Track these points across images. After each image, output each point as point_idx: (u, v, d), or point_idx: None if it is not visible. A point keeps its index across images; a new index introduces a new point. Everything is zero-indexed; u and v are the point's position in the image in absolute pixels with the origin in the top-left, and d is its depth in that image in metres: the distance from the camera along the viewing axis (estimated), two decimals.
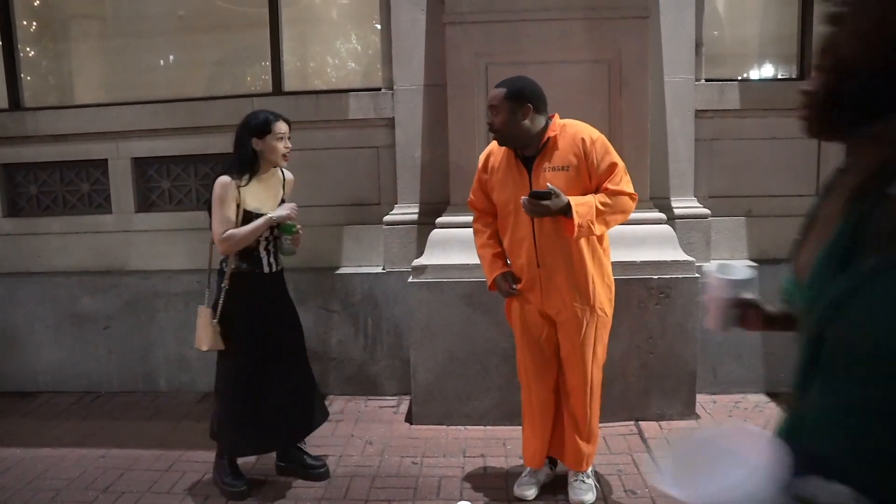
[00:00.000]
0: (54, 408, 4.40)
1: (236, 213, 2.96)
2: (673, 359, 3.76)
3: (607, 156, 2.72)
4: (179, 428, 3.99)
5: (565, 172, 2.72)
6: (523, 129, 2.72)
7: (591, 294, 2.80)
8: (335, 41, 4.92)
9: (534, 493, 3.05)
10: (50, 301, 4.62)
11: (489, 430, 3.79)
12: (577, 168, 2.72)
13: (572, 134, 2.74)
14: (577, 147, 2.71)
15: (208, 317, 3.03)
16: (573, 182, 2.71)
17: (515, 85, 2.73)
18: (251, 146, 2.99)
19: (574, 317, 2.82)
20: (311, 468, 3.27)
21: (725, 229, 4.37)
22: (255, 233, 2.97)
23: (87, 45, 5.00)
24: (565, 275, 2.78)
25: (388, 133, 4.42)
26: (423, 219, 4.27)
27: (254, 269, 3.07)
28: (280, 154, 3.03)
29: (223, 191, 2.95)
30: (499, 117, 2.71)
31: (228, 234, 2.93)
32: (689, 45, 4.20)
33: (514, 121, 2.70)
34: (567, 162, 2.73)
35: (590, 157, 2.70)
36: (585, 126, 2.80)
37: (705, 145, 4.34)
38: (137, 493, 3.21)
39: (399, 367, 4.31)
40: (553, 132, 2.75)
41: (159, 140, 4.60)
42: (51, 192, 4.80)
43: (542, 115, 2.76)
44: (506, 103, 2.69)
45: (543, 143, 2.76)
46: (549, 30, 3.83)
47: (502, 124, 2.72)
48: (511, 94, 2.70)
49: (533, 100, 2.71)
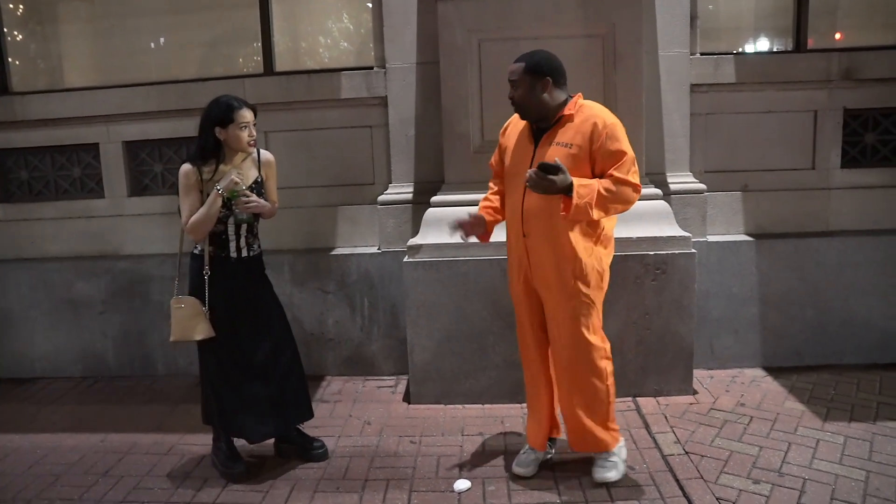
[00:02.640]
0: (52, 393, 4.40)
1: (201, 200, 2.93)
2: (669, 335, 3.76)
3: (616, 143, 2.67)
4: (177, 411, 3.99)
5: (567, 149, 2.69)
6: (542, 102, 2.72)
7: (574, 276, 2.76)
8: (326, 20, 4.86)
9: (531, 471, 3.05)
10: (44, 287, 4.61)
11: (487, 408, 3.80)
12: (581, 148, 2.68)
13: (587, 115, 2.71)
14: (586, 128, 2.68)
15: (198, 306, 2.99)
16: (574, 161, 2.68)
17: (534, 58, 2.73)
18: (213, 135, 2.94)
19: (557, 295, 2.80)
20: (309, 448, 3.27)
21: (721, 204, 4.35)
22: (210, 210, 2.90)
23: (76, 28, 4.92)
24: (549, 250, 2.77)
25: (381, 112, 4.38)
26: (417, 198, 4.24)
27: (220, 253, 3.03)
28: (244, 143, 2.98)
29: (186, 179, 2.93)
30: (518, 91, 2.73)
31: (191, 222, 2.92)
32: (683, 19, 4.15)
33: (534, 94, 2.71)
34: (572, 140, 2.70)
35: (597, 141, 2.66)
36: (603, 110, 2.76)
37: (701, 120, 4.30)
38: (137, 477, 3.21)
39: (396, 346, 4.31)
40: (569, 110, 2.73)
41: (151, 123, 4.55)
42: (42, 178, 4.76)
43: (561, 89, 2.76)
44: (525, 77, 2.70)
45: (557, 119, 2.75)
46: (543, 5, 3.78)
47: (521, 98, 2.74)
48: (530, 67, 2.71)
49: (552, 73, 2.72)
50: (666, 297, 3.72)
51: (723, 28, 4.55)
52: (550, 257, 2.77)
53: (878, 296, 4.23)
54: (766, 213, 4.37)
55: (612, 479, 2.93)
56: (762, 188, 4.36)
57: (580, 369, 2.86)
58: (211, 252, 3.01)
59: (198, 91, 4.44)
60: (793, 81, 4.27)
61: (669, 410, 3.65)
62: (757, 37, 4.66)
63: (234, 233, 3.03)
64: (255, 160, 3.12)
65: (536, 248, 2.81)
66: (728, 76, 4.26)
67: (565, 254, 2.75)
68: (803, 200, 4.36)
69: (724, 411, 3.64)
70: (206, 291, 3.00)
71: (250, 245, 3.11)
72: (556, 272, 2.78)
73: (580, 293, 2.78)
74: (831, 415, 3.57)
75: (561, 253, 2.75)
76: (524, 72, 2.71)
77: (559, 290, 2.79)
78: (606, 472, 2.94)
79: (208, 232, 2.96)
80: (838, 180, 4.36)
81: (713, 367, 4.25)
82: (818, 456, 3.14)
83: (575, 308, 2.80)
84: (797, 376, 4.09)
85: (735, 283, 4.23)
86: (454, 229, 3.03)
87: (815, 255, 4.22)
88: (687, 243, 3.73)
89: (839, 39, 4.57)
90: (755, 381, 4.08)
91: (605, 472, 2.94)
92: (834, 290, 4.24)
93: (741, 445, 3.27)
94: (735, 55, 4.33)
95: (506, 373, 3.80)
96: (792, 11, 4.35)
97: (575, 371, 2.87)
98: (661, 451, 3.22)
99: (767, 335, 4.26)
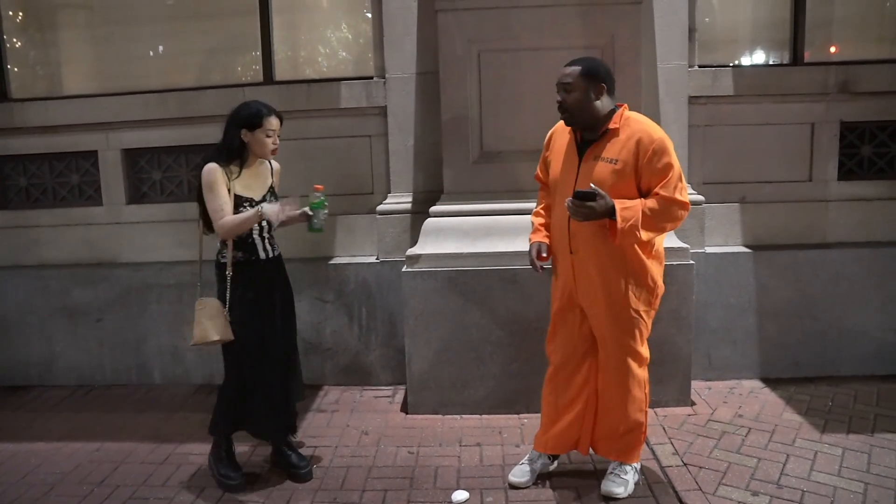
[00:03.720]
0: (47, 401, 4.37)
1: (228, 197, 2.94)
2: (667, 345, 3.76)
3: (662, 159, 2.60)
4: (174, 420, 3.97)
5: (612, 165, 2.65)
6: (595, 109, 2.68)
7: (624, 294, 2.74)
8: (326, 29, 4.87)
9: (526, 481, 3.05)
10: (41, 294, 4.59)
11: (485, 418, 3.79)
12: (626, 164, 2.63)
13: (633, 130, 2.65)
14: (632, 144, 2.63)
15: (218, 307, 2.99)
16: (620, 177, 2.63)
17: (590, 63, 2.69)
18: (239, 137, 2.96)
19: (604, 311, 2.78)
20: (294, 468, 3.21)
21: (720, 216, 4.37)
22: (245, 224, 2.94)
23: (75, 35, 4.92)
24: (597, 269, 2.74)
25: (380, 121, 4.39)
26: (416, 207, 4.25)
27: (249, 256, 3.04)
28: (268, 149, 3.00)
29: (213, 176, 2.92)
30: (572, 94, 2.67)
31: (225, 220, 2.91)
32: (681, 31, 4.18)
33: (588, 99, 2.66)
34: (618, 156, 2.65)
35: (644, 157, 2.60)
36: (649, 124, 2.69)
37: (699, 131, 4.32)
38: (132, 487, 3.19)
39: (394, 356, 4.30)
40: (614, 124, 2.69)
41: (150, 131, 4.55)
42: (40, 185, 4.75)
43: (611, 98, 2.72)
44: (581, 80, 2.65)
45: (603, 132, 2.70)
46: (542, 16, 3.80)
47: (575, 102, 2.67)
48: (586, 71, 2.66)
49: (606, 80, 2.68)
50: (664, 308, 3.70)
51: (721, 40, 4.58)
52: (598, 275, 2.74)
53: (875, 307, 4.24)
54: (763, 225, 4.38)
55: (618, 496, 2.90)
56: (760, 200, 4.38)
57: (627, 374, 2.84)
58: (242, 258, 3.02)
59: (197, 99, 4.46)
60: (790, 94, 4.30)
61: (667, 422, 3.65)
62: (754, 49, 4.69)
63: (258, 235, 3.06)
64: (268, 166, 3.15)
65: (584, 266, 2.77)
66: (726, 88, 4.28)
67: (616, 273, 2.72)
68: (801, 212, 4.38)
69: (722, 422, 3.64)
70: (227, 293, 3.01)
71: (273, 246, 3.14)
72: (605, 289, 2.75)
73: (630, 308, 2.76)
74: (829, 426, 3.57)
75: (611, 270, 2.72)
76: (581, 75, 2.65)
77: (607, 306, 2.77)
78: (616, 487, 2.91)
79: (234, 236, 2.97)
80: (835, 192, 4.38)
81: (711, 378, 4.25)
82: (816, 468, 3.14)
83: (625, 322, 2.78)
84: (795, 387, 4.09)
85: (733, 294, 4.24)
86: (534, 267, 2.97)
87: (813, 266, 4.23)
88: (685, 254, 3.74)
89: (835, 52, 4.60)
90: (753, 392, 4.08)
91: (614, 487, 2.91)
92: (831, 302, 4.25)
93: (739, 457, 3.27)
94: (733, 67, 4.36)
95: (504, 383, 3.79)
96: (789, 24, 4.39)
97: (623, 375, 2.85)
98: (660, 462, 3.22)
99: (765, 346, 4.27)
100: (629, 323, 2.79)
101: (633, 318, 2.79)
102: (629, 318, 2.78)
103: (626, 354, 2.83)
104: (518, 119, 3.88)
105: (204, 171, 2.94)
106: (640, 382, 2.89)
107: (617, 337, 2.82)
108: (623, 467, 2.97)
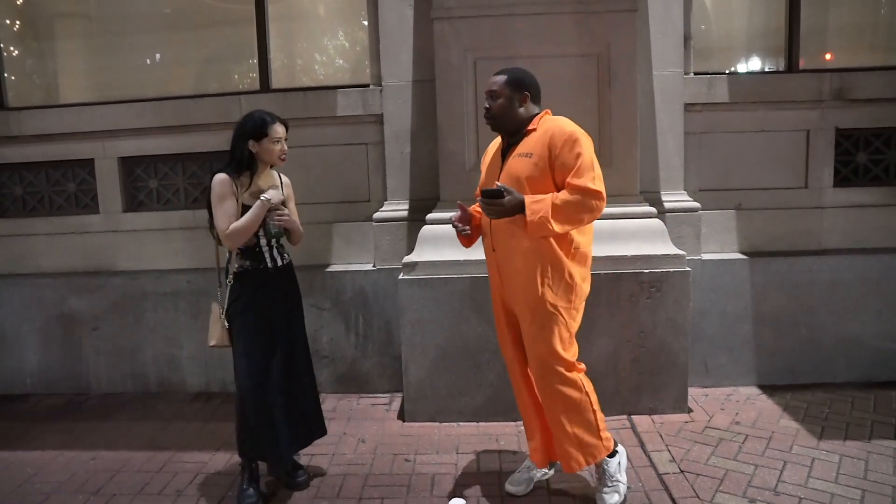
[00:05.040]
0: (43, 410, 4.36)
1: (237, 208, 2.94)
2: (664, 353, 3.76)
3: (573, 150, 2.64)
4: (170, 429, 3.96)
5: (527, 159, 2.72)
6: (518, 116, 2.79)
7: (540, 286, 2.74)
8: (322, 38, 4.89)
9: (523, 490, 3.04)
10: (37, 303, 4.58)
11: (482, 426, 3.79)
12: (541, 157, 2.69)
13: (548, 127, 2.74)
14: (546, 138, 2.71)
15: (218, 313, 3.03)
16: (535, 170, 2.69)
17: (515, 73, 2.81)
18: (247, 148, 2.97)
19: (524, 306, 2.80)
20: (290, 476, 3.20)
21: (715, 223, 4.38)
22: (254, 218, 2.92)
23: (72, 44, 4.94)
24: (519, 264, 2.78)
25: (376, 129, 4.40)
26: (413, 215, 4.25)
27: (258, 265, 3.04)
28: (276, 157, 3.01)
29: (222, 187, 2.92)
30: (497, 102, 2.79)
31: (232, 228, 2.91)
32: (677, 39, 4.20)
33: (511, 106, 2.78)
34: (532, 150, 2.72)
35: (555, 149, 2.67)
36: (565, 122, 2.76)
37: (695, 139, 4.34)
38: (129, 496, 3.18)
39: (390, 364, 4.29)
40: (534, 125, 2.78)
41: (146, 139, 4.56)
42: (37, 193, 4.75)
43: (536, 105, 2.83)
44: (505, 89, 2.77)
45: (523, 134, 2.80)
46: (538, 24, 3.82)
47: (499, 108, 2.79)
48: (511, 80, 2.78)
49: (530, 89, 2.80)
50: (660, 316, 3.72)
51: (716, 48, 4.60)
52: (518, 270, 2.78)
53: (871, 314, 4.25)
54: (759, 232, 4.40)
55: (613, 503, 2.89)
56: (756, 207, 4.39)
57: (551, 380, 2.80)
58: (249, 267, 3.02)
59: (194, 107, 4.47)
60: (785, 101, 4.32)
61: (664, 429, 3.64)
62: (749, 57, 4.71)
63: (266, 244, 3.05)
64: (278, 181, 3.14)
65: (505, 263, 2.83)
66: (721, 96, 4.30)
67: (531, 264, 2.74)
68: (796, 219, 4.39)
69: (719, 430, 3.64)
70: (226, 301, 3.01)
71: (282, 254, 3.14)
72: (524, 283, 2.77)
73: (546, 303, 2.75)
74: (826, 433, 3.57)
75: (527, 264, 2.75)
76: (505, 84, 2.78)
77: (525, 301, 2.78)
78: (609, 498, 2.89)
79: (245, 241, 2.96)
80: (831, 199, 4.39)
81: (708, 385, 4.25)
82: (814, 475, 3.14)
83: (542, 318, 2.76)
84: (791, 394, 4.09)
85: (729, 301, 4.24)
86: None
87: (809, 273, 4.24)
88: (681, 261, 3.74)
89: (829, 60, 4.62)
90: (750, 399, 4.08)
91: (608, 498, 2.89)
92: (827, 309, 4.25)
93: (736, 464, 3.26)
94: (728, 75, 4.38)
95: (501, 390, 3.79)
96: (784, 32, 4.42)
97: (547, 382, 2.81)
98: (657, 469, 3.22)
99: (761, 353, 4.27)
100: (548, 318, 2.76)
101: (551, 312, 2.76)
102: (547, 314, 2.76)
103: (549, 357, 2.78)
104: None
105: (214, 182, 2.94)
106: (574, 384, 2.81)
107: (536, 336, 2.78)
108: (604, 469, 2.92)
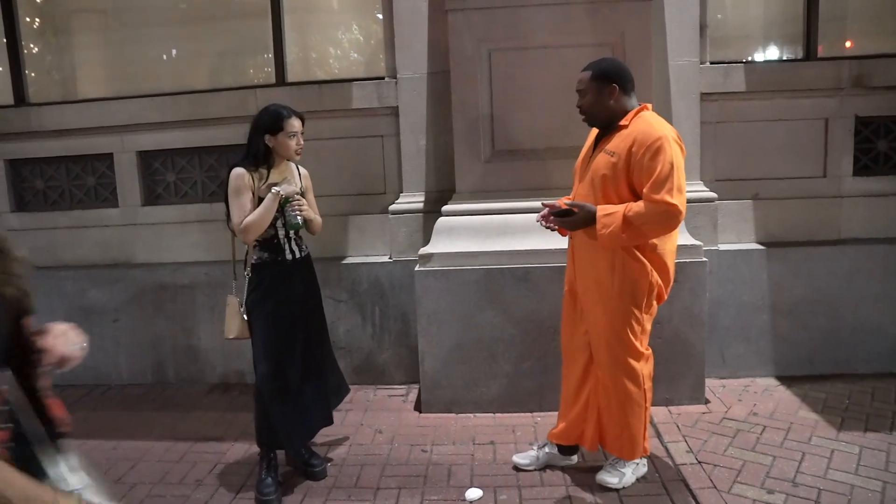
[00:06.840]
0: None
1: (252, 202, 2.96)
2: (681, 343, 3.75)
3: (655, 158, 2.57)
4: (189, 419, 4.01)
5: (610, 158, 2.70)
6: (609, 109, 2.76)
7: (612, 282, 2.75)
8: (337, 30, 4.90)
9: (529, 463, 3.13)
10: (58, 295, 4.64)
11: (498, 416, 3.80)
12: (621, 158, 2.66)
13: (637, 127, 2.67)
14: (630, 139, 2.66)
15: (236, 306, 3.05)
16: (614, 171, 2.68)
17: (600, 66, 2.78)
18: (263, 142, 2.99)
19: (593, 299, 2.82)
20: (309, 465, 3.23)
21: (732, 213, 4.34)
22: (267, 211, 2.93)
23: (90, 40, 4.98)
24: (594, 256, 2.79)
25: (391, 122, 4.41)
26: (428, 207, 4.26)
27: (276, 257, 3.06)
28: (292, 150, 3.03)
29: (239, 181, 2.95)
30: (586, 98, 2.78)
31: (245, 222, 2.93)
32: (693, 28, 4.16)
33: (600, 101, 2.75)
34: (616, 149, 2.69)
35: (637, 153, 2.61)
36: (654, 124, 2.68)
37: (711, 128, 4.30)
38: (149, 485, 3.23)
39: (407, 355, 4.31)
40: (626, 120, 2.73)
41: (164, 133, 4.60)
42: (57, 187, 4.81)
43: (629, 96, 2.78)
44: (591, 84, 2.75)
45: (615, 128, 2.76)
46: (552, 14, 3.79)
47: (588, 104, 2.78)
48: (596, 74, 2.75)
49: (618, 80, 2.74)
50: (677, 306, 3.71)
51: (732, 37, 4.56)
52: (591, 262, 2.81)
53: (890, 304, 4.20)
54: (777, 222, 4.36)
55: (611, 485, 2.94)
56: (773, 196, 4.35)
57: (616, 370, 2.84)
58: (268, 258, 3.05)
59: (210, 101, 4.50)
60: (803, 89, 4.26)
61: (681, 420, 3.64)
62: (766, 45, 4.66)
63: (284, 236, 3.07)
64: (296, 173, 3.17)
65: (581, 250, 2.86)
66: (738, 85, 4.26)
67: (604, 261, 2.76)
68: (814, 208, 4.34)
69: (736, 420, 3.62)
70: (245, 293, 3.03)
71: (300, 247, 3.16)
72: (595, 277, 2.80)
73: (616, 299, 2.77)
74: (846, 424, 3.54)
75: (600, 260, 2.77)
76: (591, 79, 2.75)
77: (598, 294, 2.81)
78: (610, 477, 2.96)
79: (260, 234, 2.98)
80: (850, 188, 4.34)
81: (725, 376, 4.23)
82: (833, 466, 3.12)
83: (612, 311, 2.79)
84: (810, 385, 4.06)
85: (746, 291, 4.21)
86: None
87: (827, 263, 4.20)
88: (698, 252, 3.72)
89: (849, 47, 4.56)
90: (767, 389, 4.06)
91: (608, 477, 2.96)
92: (846, 298, 4.21)
93: (754, 455, 3.25)
94: (745, 64, 4.34)
95: (516, 381, 3.80)
96: (802, 19, 4.35)
97: (612, 371, 2.85)
98: (674, 460, 3.21)
99: (779, 344, 4.24)
100: (618, 312, 2.78)
101: (622, 309, 2.78)
102: (618, 308, 2.78)
103: (618, 347, 2.81)
104: (529, 117, 3.88)
105: (231, 176, 2.96)
106: (636, 377, 2.85)
107: (608, 325, 2.81)
108: (621, 461, 2.98)
